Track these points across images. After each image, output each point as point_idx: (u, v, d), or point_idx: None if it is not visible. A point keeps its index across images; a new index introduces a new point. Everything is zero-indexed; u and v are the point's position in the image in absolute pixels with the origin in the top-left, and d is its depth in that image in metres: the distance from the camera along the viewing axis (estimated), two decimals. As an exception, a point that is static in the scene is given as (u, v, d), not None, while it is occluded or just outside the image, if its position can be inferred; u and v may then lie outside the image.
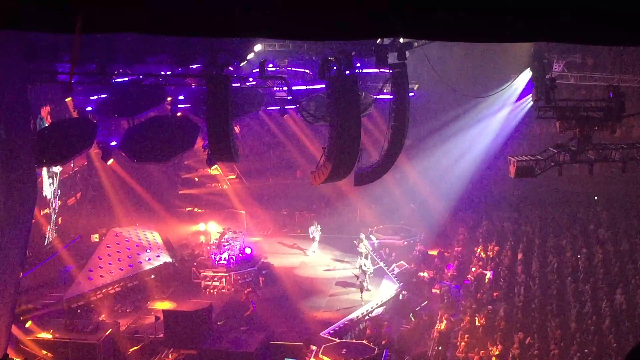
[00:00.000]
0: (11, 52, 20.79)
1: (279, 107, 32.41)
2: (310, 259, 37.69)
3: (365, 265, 33.09)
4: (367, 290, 32.37)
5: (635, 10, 5.35)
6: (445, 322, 29.28)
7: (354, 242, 35.90)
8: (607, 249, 35.25)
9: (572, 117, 24.21)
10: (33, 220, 26.28)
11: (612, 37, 6.19)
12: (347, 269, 35.32)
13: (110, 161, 28.21)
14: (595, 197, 41.34)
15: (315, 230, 38.52)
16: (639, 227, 37.81)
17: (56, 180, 36.18)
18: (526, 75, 34.51)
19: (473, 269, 33.87)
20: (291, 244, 39.70)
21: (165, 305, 31.81)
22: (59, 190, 36.67)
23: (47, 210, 35.66)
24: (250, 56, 26.64)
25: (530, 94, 31.01)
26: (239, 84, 26.29)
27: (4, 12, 5.36)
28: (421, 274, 34.38)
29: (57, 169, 35.64)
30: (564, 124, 24.37)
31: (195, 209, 43.87)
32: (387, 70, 25.16)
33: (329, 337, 28.57)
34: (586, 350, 27.01)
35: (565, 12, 5.31)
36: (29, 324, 28.61)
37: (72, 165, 37.17)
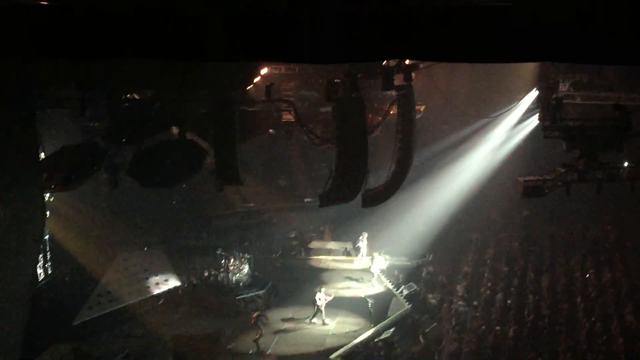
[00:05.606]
0: (17, 81, 20.77)
1: (285, 130, 32.41)
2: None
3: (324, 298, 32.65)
4: (325, 324, 32.19)
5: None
6: (454, 343, 29.14)
7: (370, 262, 36.09)
8: (616, 267, 35.11)
9: (579, 136, 24.18)
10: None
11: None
12: (356, 289, 35.25)
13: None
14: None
15: (362, 240, 39.37)
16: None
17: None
18: (533, 95, 34.47)
19: (482, 290, 33.71)
20: (297, 266, 39.65)
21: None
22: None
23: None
24: (256, 80, 26.74)
25: (537, 114, 31.00)
26: (245, 108, 26.33)
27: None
28: (430, 295, 34.25)
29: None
30: (570, 143, 24.33)
31: (204, 233, 43.74)
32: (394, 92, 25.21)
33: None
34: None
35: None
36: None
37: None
